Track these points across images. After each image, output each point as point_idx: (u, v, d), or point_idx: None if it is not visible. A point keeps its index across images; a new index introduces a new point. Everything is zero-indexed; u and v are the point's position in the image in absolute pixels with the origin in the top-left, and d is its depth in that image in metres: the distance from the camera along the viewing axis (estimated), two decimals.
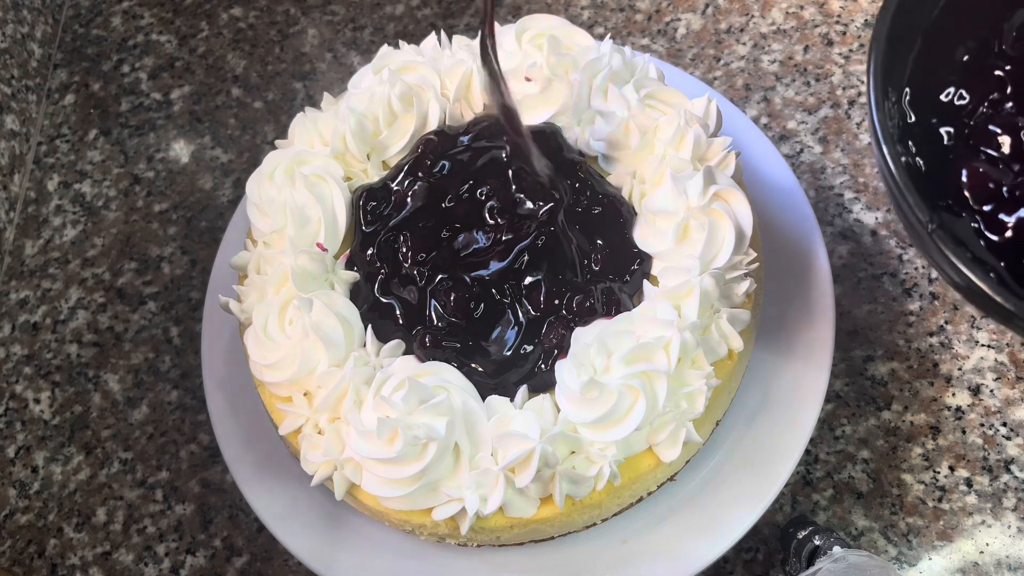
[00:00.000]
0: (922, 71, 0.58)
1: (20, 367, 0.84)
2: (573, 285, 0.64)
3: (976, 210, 0.54)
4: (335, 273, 0.67)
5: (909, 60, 0.58)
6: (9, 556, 0.76)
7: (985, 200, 0.54)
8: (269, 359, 0.64)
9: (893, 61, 0.57)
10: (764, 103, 0.86)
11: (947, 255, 0.51)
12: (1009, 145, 0.54)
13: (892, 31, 0.57)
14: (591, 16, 0.94)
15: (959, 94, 0.57)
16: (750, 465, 0.65)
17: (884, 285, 0.76)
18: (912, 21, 0.58)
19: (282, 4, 1.01)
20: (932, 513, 0.68)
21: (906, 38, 0.58)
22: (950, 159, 0.56)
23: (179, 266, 0.87)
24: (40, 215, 0.92)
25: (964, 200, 0.54)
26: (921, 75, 0.58)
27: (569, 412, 0.59)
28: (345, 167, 0.71)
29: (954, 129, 0.56)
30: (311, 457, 0.62)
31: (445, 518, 0.60)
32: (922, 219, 0.52)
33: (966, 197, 0.54)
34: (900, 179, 0.53)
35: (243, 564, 0.73)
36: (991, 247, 0.53)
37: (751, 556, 0.68)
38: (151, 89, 0.98)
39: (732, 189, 0.64)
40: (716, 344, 0.62)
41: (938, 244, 0.51)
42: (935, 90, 0.57)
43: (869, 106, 0.55)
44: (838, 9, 0.89)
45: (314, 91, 0.94)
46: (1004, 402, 0.71)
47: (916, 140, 0.57)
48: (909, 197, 0.52)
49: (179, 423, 0.80)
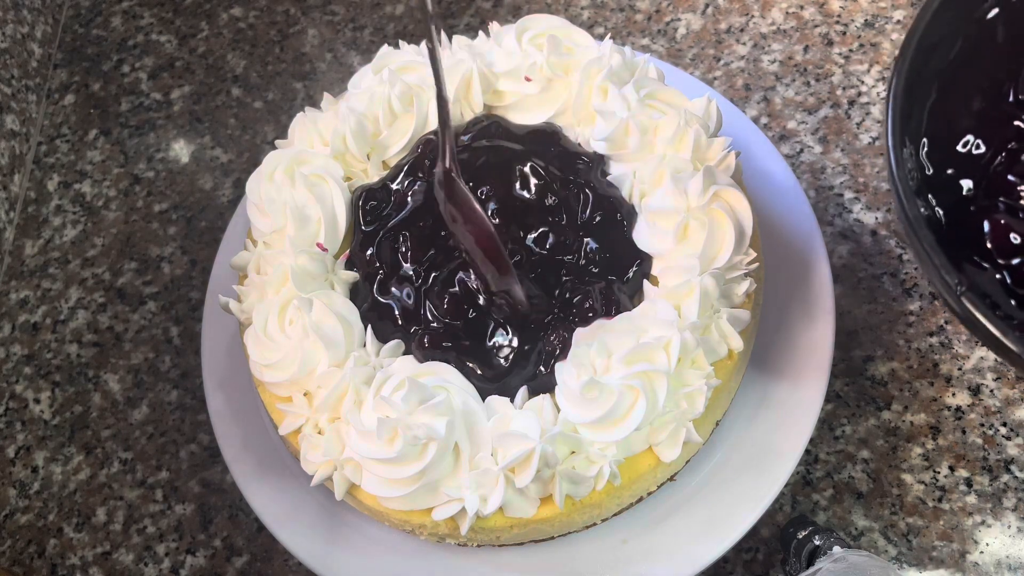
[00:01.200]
0: (938, 121, 0.57)
1: (20, 367, 0.84)
2: (572, 286, 0.64)
3: (1003, 264, 0.52)
4: (335, 273, 0.67)
5: (925, 110, 0.57)
6: (9, 556, 0.76)
7: (1010, 253, 0.52)
8: (269, 359, 0.64)
9: (910, 112, 0.56)
10: (764, 103, 0.86)
11: (980, 320, 0.49)
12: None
13: (908, 81, 0.55)
14: (591, 16, 0.94)
15: (976, 144, 0.55)
16: (750, 465, 0.65)
17: (884, 285, 0.76)
18: (926, 69, 0.57)
19: (282, 4, 1.01)
20: (932, 513, 0.68)
21: (922, 88, 0.57)
22: (971, 210, 0.55)
23: (179, 266, 0.87)
24: (40, 215, 0.92)
25: (987, 253, 0.53)
26: (937, 125, 0.57)
27: (569, 412, 0.59)
28: (345, 167, 0.71)
29: (973, 180, 0.55)
30: (311, 457, 0.62)
31: (445, 518, 0.60)
32: (951, 282, 0.50)
33: (989, 250, 0.53)
34: (925, 240, 0.51)
35: (243, 564, 0.73)
36: (1020, 302, 0.51)
37: (751, 556, 0.68)
38: (151, 89, 0.98)
39: (732, 189, 0.64)
40: (716, 344, 0.62)
41: (969, 308, 0.50)
42: (952, 140, 0.56)
43: (888, 162, 0.54)
44: (838, 9, 0.89)
45: (314, 91, 0.94)
46: (1004, 402, 0.71)
47: (935, 191, 0.55)
48: (936, 259, 0.51)
49: (179, 423, 0.80)
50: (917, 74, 0.56)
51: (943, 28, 0.58)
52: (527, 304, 0.62)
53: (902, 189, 0.53)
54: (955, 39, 0.58)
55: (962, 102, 0.57)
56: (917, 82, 0.57)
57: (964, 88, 0.58)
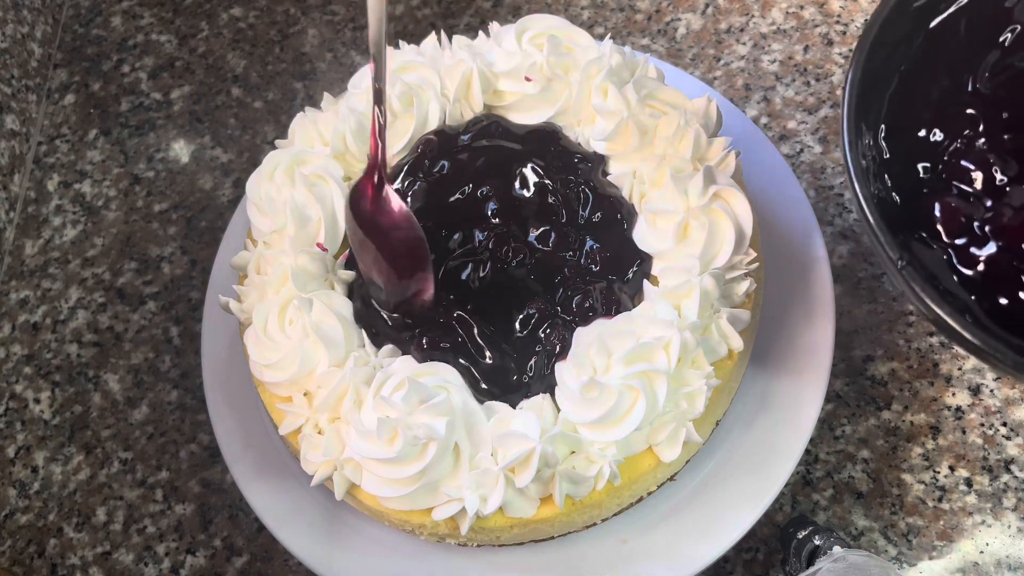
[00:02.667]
0: (898, 109, 0.60)
1: (20, 367, 0.84)
2: (572, 285, 0.64)
3: (948, 244, 0.56)
4: (335, 273, 0.67)
5: (886, 98, 0.60)
6: (9, 556, 0.76)
7: (957, 234, 0.55)
8: (269, 359, 0.64)
9: (869, 99, 0.59)
10: (764, 103, 0.86)
11: (916, 291, 0.53)
12: (981, 181, 0.56)
13: (867, 70, 0.58)
14: (591, 16, 0.94)
15: (934, 131, 0.58)
16: (750, 465, 0.65)
17: (884, 285, 0.76)
18: (889, 60, 0.60)
19: (282, 4, 1.01)
20: (932, 513, 0.68)
21: (883, 77, 0.60)
22: (924, 193, 0.58)
23: (179, 266, 0.87)
24: (40, 215, 0.92)
25: (937, 233, 0.56)
26: (897, 112, 0.60)
27: (569, 412, 0.59)
28: (345, 167, 0.71)
29: (929, 164, 0.58)
30: (311, 457, 0.62)
31: (445, 518, 0.60)
32: (892, 256, 0.54)
33: (939, 230, 0.56)
34: (871, 216, 0.55)
35: (243, 564, 0.73)
36: (963, 282, 0.55)
37: (751, 556, 0.68)
38: (151, 89, 0.98)
39: (732, 189, 0.64)
40: (716, 344, 0.62)
41: (908, 280, 0.53)
42: (912, 127, 0.59)
43: (843, 144, 0.57)
44: (838, 9, 0.89)
45: (314, 91, 0.94)
46: (1004, 402, 0.71)
47: (892, 175, 0.59)
48: (880, 235, 0.55)
49: (179, 423, 0.80)
50: (878, 64, 0.59)
51: (904, 22, 0.60)
52: (426, 311, 0.64)
53: (854, 170, 0.56)
54: (917, 33, 0.61)
55: (923, 92, 0.60)
56: (878, 71, 0.59)
57: (925, 79, 0.60)
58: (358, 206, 0.64)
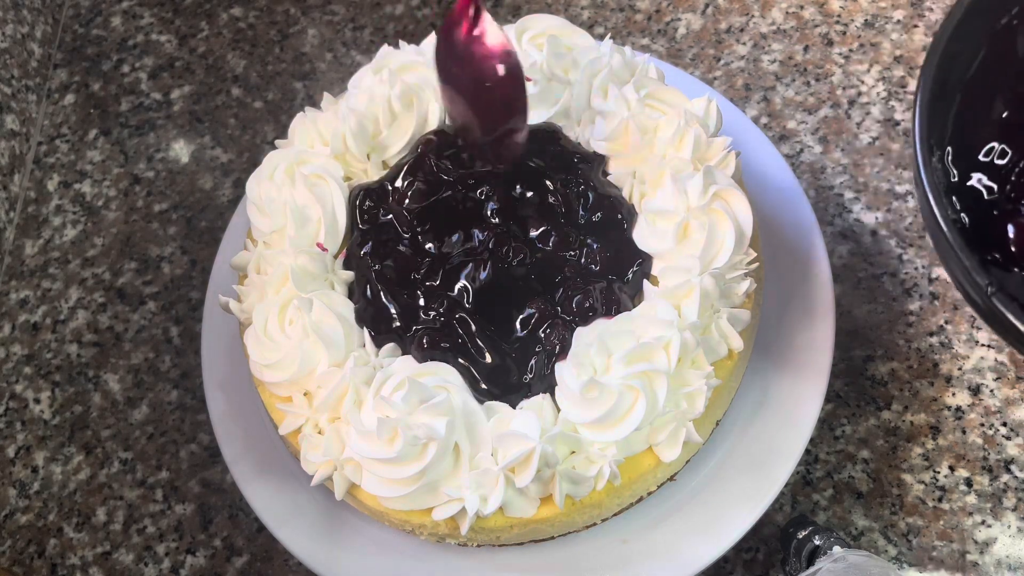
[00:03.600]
0: (963, 128, 0.58)
1: (20, 367, 0.84)
2: (572, 285, 0.64)
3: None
4: (335, 273, 0.67)
5: (950, 118, 0.58)
6: (9, 556, 0.76)
7: None
8: (269, 359, 0.64)
9: (935, 119, 0.57)
10: (764, 103, 0.86)
11: (1010, 319, 0.50)
12: None
13: (935, 88, 0.56)
14: (591, 16, 0.94)
15: (1001, 150, 0.56)
16: (750, 465, 0.65)
17: (884, 285, 0.76)
18: (951, 76, 0.58)
19: (282, 4, 1.01)
20: (932, 513, 0.68)
21: (946, 95, 0.58)
22: (995, 215, 0.55)
23: (179, 266, 0.87)
24: (40, 215, 0.92)
25: (1012, 256, 0.54)
26: (962, 132, 0.58)
27: (569, 412, 0.59)
28: (345, 167, 0.71)
29: (997, 185, 0.56)
30: (311, 457, 0.62)
31: (445, 518, 0.60)
32: (980, 283, 0.51)
33: (1013, 253, 0.54)
34: (954, 240, 0.52)
35: (243, 564, 0.73)
36: None
37: (751, 556, 0.68)
38: (151, 89, 0.98)
39: (732, 189, 0.64)
40: (716, 344, 0.62)
41: (1000, 308, 0.51)
42: (976, 147, 0.57)
43: (916, 167, 0.55)
44: (838, 9, 0.89)
45: (314, 91, 0.94)
46: (1004, 402, 0.70)
47: (959, 196, 0.56)
48: (966, 260, 0.52)
49: (179, 423, 0.80)
50: (942, 82, 0.57)
51: (968, 36, 0.58)
52: (518, 154, 0.59)
53: (931, 193, 0.54)
54: (978, 47, 0.59)
55: (986, 110, 0.58)
56: (943, 88, 0.57)
57: (987, 96, 0.58)
58: (451, 35, 0.58)
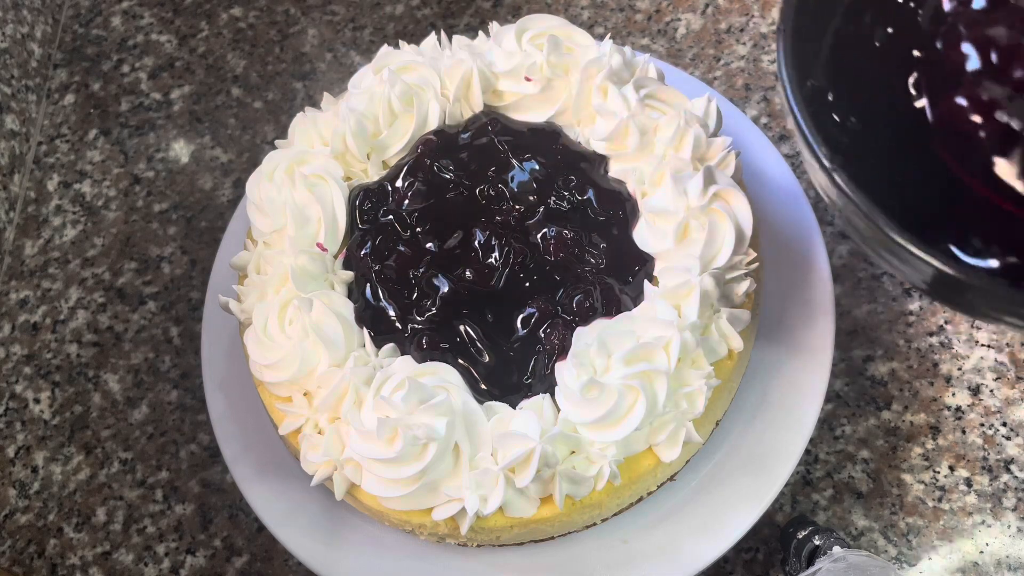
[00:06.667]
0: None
1: (20, 367, 0.84)
2: (573, 285, 0.64)
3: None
4: (335, 273, 0.67)
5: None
6: (9, 556, 0.76)
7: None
8: (269, 359, 0.64)
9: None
10: (764, 103, 0.86)
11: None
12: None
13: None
14: (591, 16, 0.94)
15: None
16: (750, 465, 0.65)
17: (884, 285, 0.76)
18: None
19: (282, 4, 1.01)
20: (932, 513, 0.68)
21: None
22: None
23: (179, 266, 0.87)
24: (40, 215, 0.92)
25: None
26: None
27: (569, 412, 0.59)
28: (345, 167, 0.71)
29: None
30: (311, 457, 0.62)
31: (445, 518, 0.60)
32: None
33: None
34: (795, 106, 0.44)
35: (243, 564, 0.73)
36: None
37: (751, 556, 0.68)
38: (151, 89, 0.98)
39: (732, 189, 0.64)
40: (716, 344, 0.62)
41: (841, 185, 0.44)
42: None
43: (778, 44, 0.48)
44: None
45: (314, 91, 0.94)
46: (1004, 402, 0.71)
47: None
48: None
49: (179, 423, 0.80)
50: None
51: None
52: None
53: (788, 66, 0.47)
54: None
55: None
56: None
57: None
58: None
